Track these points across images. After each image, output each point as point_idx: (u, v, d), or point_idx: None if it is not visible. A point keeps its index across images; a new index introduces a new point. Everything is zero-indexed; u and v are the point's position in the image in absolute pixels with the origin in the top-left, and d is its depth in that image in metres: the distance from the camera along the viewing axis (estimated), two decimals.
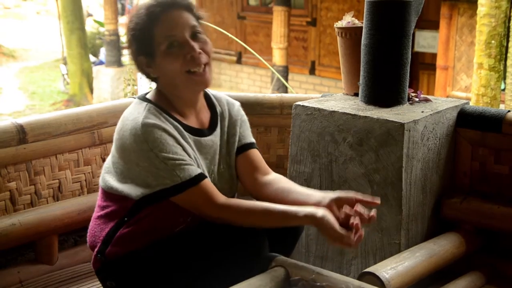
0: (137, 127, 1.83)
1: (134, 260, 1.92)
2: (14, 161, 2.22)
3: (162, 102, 1.95)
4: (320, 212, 1.75)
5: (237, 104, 2.17)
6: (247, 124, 2.17)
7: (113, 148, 1.94)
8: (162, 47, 1.88)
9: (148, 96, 1.98)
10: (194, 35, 1.91)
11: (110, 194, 1.95)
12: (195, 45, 1.89)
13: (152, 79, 1.99)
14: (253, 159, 2.10)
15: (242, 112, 2.17)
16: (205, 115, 2.05)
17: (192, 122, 1.98)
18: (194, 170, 1.86)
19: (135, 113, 1.88)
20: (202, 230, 1.88)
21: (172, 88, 1.95)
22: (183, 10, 1.93)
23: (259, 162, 2.11)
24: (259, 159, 2.12)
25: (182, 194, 1.84)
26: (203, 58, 1.91)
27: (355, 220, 1.71)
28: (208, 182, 1.88)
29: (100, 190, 2.00)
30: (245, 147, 2.11)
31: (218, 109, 2.09)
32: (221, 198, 1.88)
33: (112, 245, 1.93)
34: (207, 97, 2.09)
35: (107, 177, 1.96)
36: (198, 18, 1.97)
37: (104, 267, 1.97)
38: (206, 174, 1.94)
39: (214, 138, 2.03)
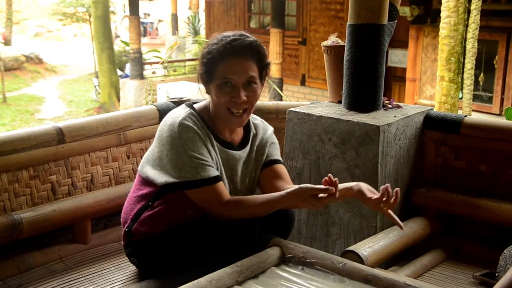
0: (175, 124, 1.84)
1: (153, 243, 1.92)
2: (55, 158, 2.22)
3: (204, 114, 1.94)
4: (295, 186, 1.75)
5: (270, 129, 2.12)
6: (277, 146, 2.10)
7: (155, 138, 1.94)
8: (217, 81, 1.87)
9: (195, 105, 1.97)
10: (248, 84, 1.87)
11: (143, 179, 1.96)
12: (243, 93, 1.86)
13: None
14: (277, 171, 2.03)
15: (274, 137, 2.11)
16: (239, 134, 2.02)
17: (224, 136, 1.96)
18: (213, 171, 1.84)
19: (177, 113, 1.89)
20: (208, 219, 1.86)
21: (215, 109, 1.93)
22: (250, 58, 1.87)
23: (283, 174, 2.03)
24: (284, 171, 2.04)
25: (198, 189, 1.82)
26: (244, 105, 1.88)
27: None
28: (221, 184, 1.86)
29: (137, 175, 2.01)
30: (272, 162, 2.04)
31: (253, 131, 2.05)
32: (227, 197, 1.86)
33: (138, 223, 1.94)
34: None
35: (144, 163, 1.97)
36: (263, 67, 1.91)
37: (130, 245, 1.98)
38: (225, 181, 1.92)
39: (242, 154, 1.99)
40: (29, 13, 22.92)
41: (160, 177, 1.87)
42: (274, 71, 9.26)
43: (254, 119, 2.09)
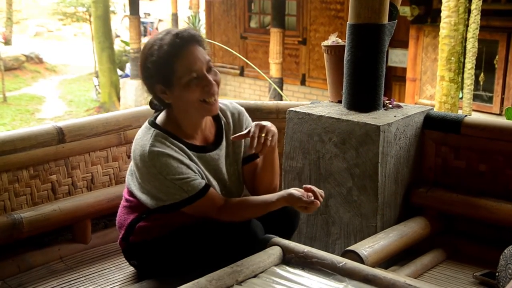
0: (145, 154, 1.79)
1: (152, 246, 1.92)
2: (55, 157, 2.22)
3: (170, 126, 1.87)
4: (287, 191, 1.79)
5: (241, 112, 2.06)
6: None
7: (132, 161, 1.89)
8: (183, 80, 1.78)
9: (157, 121, 1.89)
10: (209, 69, 1.83)
11: (131, 192, 1.94)
12: (211, 78, 1.82)
13: (163, 103, 1.89)
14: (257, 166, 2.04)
15: (246, 117, 2.06)
16: (211, 131, 1.97)
17: (197, 141, 1.91)
18: (199, 183, 1.81)
19: (144, 139, 1.83)
20: (206, 224, 1.86)
21: (183, 113, 1.87)
22: (198, 45, 1.82)
23: None
24: None
25: (191, 205, 1.81)
26: (216, 89, 1.83)
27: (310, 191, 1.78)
28: (212, 192, 1.84)
29: (125, 187, 1.99)
30: (252, 157, 2.04)
31: (223, 120, 2.00)
32: (221, 202, 1.85)
33: (133, 234, 1.93)
34: None
35: (130, 180, 1.93)
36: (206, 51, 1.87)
37: (128, 248, 1.98)
38: (213, 183, 1.90)
39: (220, 152, 1.96)
40: (29, 12, 22.92)
41: (150, 201, 1.85)
42: (274, 70, 9.26)
43: (220, 105, 2.01)
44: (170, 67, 1.78)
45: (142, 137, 1.85)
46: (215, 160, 1.94)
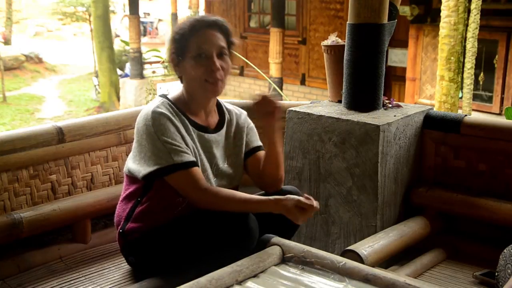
0: (148, 113, 1.89)
1: (148, 241, 1.93)
2: (55, 157, 2.22)
3: (178, 101, 1.98)
4: (284, 197, 1.80)
5: (244, 113, 2.15)
6: (254, 131, 2.15)
7: (134, 134, 1.97)
8: (191, 54, 1.92)
9: (168, 95, 2.02)
10: (220, 54, 1.94)
11: (129, 178, 1.98)
12: (217, 62, 1.92)
13: (178, 76, 2.02)
14: (261, 158, 2.09)
15: (249, 121, 2.15)
16: (214, 119, 2.05)
17: (200, 120, 2.00)
18: (187, 157, 1.86)
19: (151, 105, 1.93)
20: (202, 216, 1.86)
21: (190, 88, 1.98)
22: (219, 31, 1.96)
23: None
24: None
25: (174, 174, 1.84)
26: (220, 73, 1.93)
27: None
28: (197, 170, 1.87)
29: (124, 176, 2.02)
30: (254, 150, 2.11)
31: (227, 116, 2.09)
32: (205, 184, 1.87)
33: (131, 221, 1.95)
34: (219, 105, 2.10)
35: (128, 161, 1.99)
36: (229, 43, 1.99)
37: (126, 245, 1.99)
38: (205, 164, 1.95)
39: (218, 137, 2.02)
40: (29, 12, 22.91)
41: (140, 169, 1.90)
42: (274, 70, 9.25)
43: (226, 105, 2.14)
44: (185, 41, 1.93)
45: (150, 104, 1.96)
46: (211, 143, 2.00)
